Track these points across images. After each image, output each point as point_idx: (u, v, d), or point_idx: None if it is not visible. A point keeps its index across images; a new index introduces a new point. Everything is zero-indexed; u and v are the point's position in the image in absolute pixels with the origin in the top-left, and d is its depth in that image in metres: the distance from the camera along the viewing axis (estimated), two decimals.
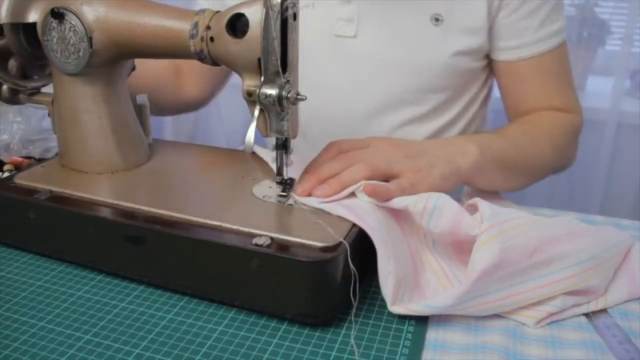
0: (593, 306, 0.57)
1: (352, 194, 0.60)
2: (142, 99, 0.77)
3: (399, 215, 0.60)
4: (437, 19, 0.82)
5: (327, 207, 0.59)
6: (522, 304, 0.55)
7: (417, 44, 0.84)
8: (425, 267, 0.60)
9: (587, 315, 0.57)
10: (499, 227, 0.55)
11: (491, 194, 0.74)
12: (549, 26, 0.83)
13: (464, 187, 0.73)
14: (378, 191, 0.59)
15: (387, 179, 0.62)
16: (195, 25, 0.59)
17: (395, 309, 0.55)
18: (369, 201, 0.59)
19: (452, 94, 0.89)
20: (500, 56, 0.86)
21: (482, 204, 0.58)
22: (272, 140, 0.63)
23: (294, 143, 0.63)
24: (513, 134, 0.78)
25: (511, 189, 0.77)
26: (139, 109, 0.76)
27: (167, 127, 1.99)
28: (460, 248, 0.60)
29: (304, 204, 0.60)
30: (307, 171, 0.64)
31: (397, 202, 0.58)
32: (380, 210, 0.59)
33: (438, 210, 0.57)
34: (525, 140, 0.77)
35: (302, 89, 0.59)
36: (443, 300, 0.53)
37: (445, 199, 0.58)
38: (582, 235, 0.58)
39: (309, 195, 0.61)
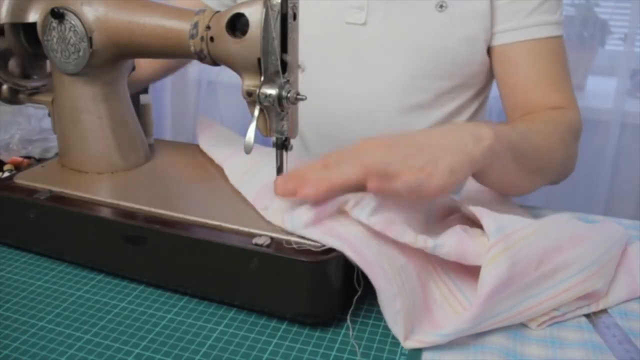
0: (594, 307, 0.57)
1: (344, 214, 0.55)
2: (145, 99, 0.77)
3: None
4: (441, 6, 0.84)
5: (315, 234, 0.53)
6: (533, 317, 0.54)
7: (422, 30, 0.86)
8: (431, 285, 0.57)
9: (587, 315, 0.56)
10: (506, 242, 0.53)
11: (493, 195, 0.72)
12: (543, 15, 0.83)
13: (462, 188, 0.71)
14: (383, 188, 0.53)
15: None
16: (195, 25, 0.59)
17: (409, 344, 0.52)
18: (357, 219, 0.54)
19: (458, 82, 0.90)
20: (494, 42, 0.86)
21: (485, 217, 0.55)
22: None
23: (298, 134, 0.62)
24: (521, 127, 0.74)
25: (521, 188, 0.72)
26: (142, 109, 0.76)
27: (167, 127, 2.00)
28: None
29: (284, 229, 0.55)
30: (289, 175, 0.58)
31: (396, 236, 0.54)
32: (376, 233, 0.54)
33: (439, 247, 0.54)
34: (535, 134, 0.72)
35: (311, 75, 0.57)
36: (457, 327, 0.51)
37: (443, 238, 0.54)
38: (583, 239, 0.57)
39: (292, 196, 0.55)
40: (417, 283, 0.55)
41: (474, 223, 0.61)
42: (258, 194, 0.61)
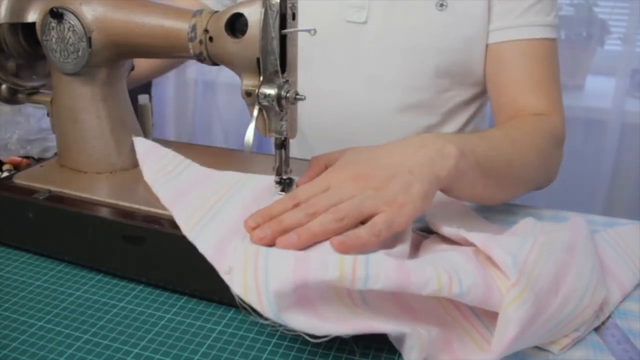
0: (602, 317, 0.55)
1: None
2: (143, 99, 0.77)
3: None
4: (441, 5, 0.85)
5: (300, 322, 0.46)
6: (559, 337, 0.53)
7: (423, 29, 0.87)
8: (445, 317, 0.54)
9: None
10: (525, 272, 0.50)
11: (456, 203, 0.68)
12: (536, 16, 0.83)
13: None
14: (347, 244, 0.50)
15: (361, 222, 0.54)
16: (193, 28, 0.59)
17: None
18: (367, 289, 0.47)
19: (458, 81, 0.90)
20: (488, 40, 0.86)
21: (494, 249, 0.51)
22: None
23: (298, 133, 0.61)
24: (495, 138, 0.71)
25: (492, 200, 0.70)
26: (140, 109, 0.76)
27: (170, 127, 2.00)
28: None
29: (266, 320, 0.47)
30: (260, 216, 0.54)
31: (418, 290, 0.48)
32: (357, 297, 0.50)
33: (464, 296, 0.49)
34: (509, 146, 0.70)
35: (312, 73, 0.57)
36: None
37: (469, 282, 0.49)
38: (576, 246, 0.56)
39: (269, 244, 0.52)
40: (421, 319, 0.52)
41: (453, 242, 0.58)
42: (215, 251, 0.53)
